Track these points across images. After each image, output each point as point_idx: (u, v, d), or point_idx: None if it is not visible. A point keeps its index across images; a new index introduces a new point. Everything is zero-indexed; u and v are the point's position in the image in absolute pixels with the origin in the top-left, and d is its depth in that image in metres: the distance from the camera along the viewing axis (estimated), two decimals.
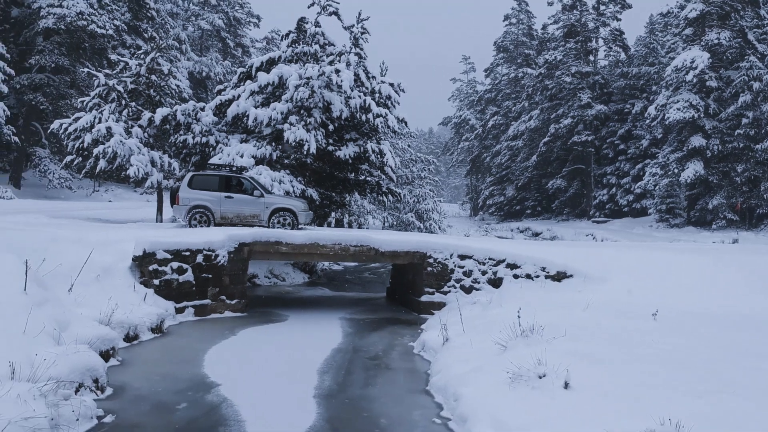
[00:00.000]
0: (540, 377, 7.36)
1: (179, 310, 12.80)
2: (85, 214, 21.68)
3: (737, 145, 38.05)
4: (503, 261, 14.57)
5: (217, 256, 13.38)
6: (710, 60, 38.07)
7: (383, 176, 21.55)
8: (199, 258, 13.18)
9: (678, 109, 38.24)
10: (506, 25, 67.57)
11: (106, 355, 9.18)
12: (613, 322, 10.57)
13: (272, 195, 15.90)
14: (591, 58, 54.27)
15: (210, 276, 13.29)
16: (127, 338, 10.58)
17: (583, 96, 50.23)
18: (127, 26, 46.53)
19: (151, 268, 12.64)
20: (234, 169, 16.04)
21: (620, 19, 52.78)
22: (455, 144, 78.81)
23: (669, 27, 53.51)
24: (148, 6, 48.66)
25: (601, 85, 52.83)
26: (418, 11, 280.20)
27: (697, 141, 38.48)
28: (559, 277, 14.28)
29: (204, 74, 56.35)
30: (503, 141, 63.11)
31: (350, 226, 35.02)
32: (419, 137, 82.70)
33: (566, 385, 7.08)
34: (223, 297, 13.48)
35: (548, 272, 14.35)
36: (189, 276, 13.03)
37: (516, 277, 14.41)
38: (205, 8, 62.78)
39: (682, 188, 41.75)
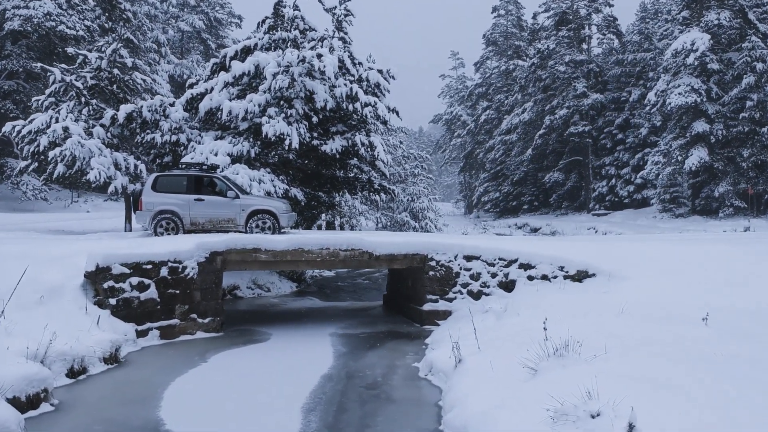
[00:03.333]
0: (593, 417, 5.55)
1: (141, 333, 10.92)
2: (49, 226, 19.76)
3: (742, 129, 36.52)
4: (515, 261, 12.77)
5: (184, 268, 11.51)
6: (711, 41, 36.50)
7: (375, 172, 19.70)
8: (164, 271, 11.30)
9: (679, 93, 36.64)
10: (495, 17, 65.95)
11: (35, 401, 7.32)
12: (658, 330, 8.77)
13: (249, 196, 14.02)
14: (584, 46, 52.70)
15: (177, 292, 11.42)
16: (71, 373, 8.70)
17: (578, 85, 48.59)
18: (101, 29, 44.53)
19: (105, 285, 10.75)
20: (205, 168, 14.15)
21: (613, 5, 51.24)
22: (447, 141, 77.02)
23: (660, 14, 52.06)
24: (122, 8, 46.63)
25: (596, 73, 51.23)
26: (400, 10, 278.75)
27: (700, 126, 36.90)
28: (580, 276, 12.50)
29: (185, 77, 54.32)
30: (496, 136, 61.41)
31: (342, 228, 33.17)
32: (410, 137, 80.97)
33: (631, 428, 5.28)
34: (194, 315, 11.61)
35: (567, 272, 12.56)
36: (152, 292, 11.15)
37: (531, 278, 12.61)
38: (185, 10, 60.88)
39: (685, 176, 40.19)
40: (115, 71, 17.77)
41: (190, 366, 9.52)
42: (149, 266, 11.18)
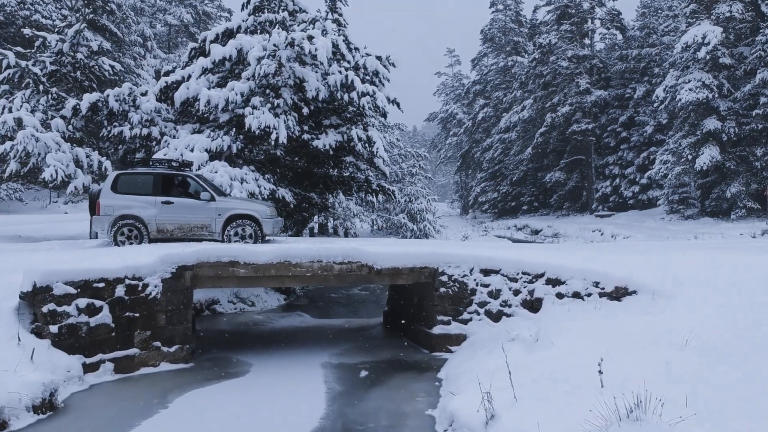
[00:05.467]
0: None
1: (90, 367, 8.89)
2: (6, 231, 17.64)
3: (755, 126, 34.80)
4: (542, 275, 10.82)
5: (146, 286, 9.49)
6: (723, 35, 34.75)
7: (372, 171, 17.69)
8: (120, 290, 9.27)
9: (690, 89, 34.88)
10: (493, 12, 64.13)
11: None
12: (745, 373, 6.83)
13: (227, 198, 11.98)
14: (587, 41, 50.86)
15: (136, 315, 9.40)
16: None
17: (581, 81, 46.74)
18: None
19: (45, 309, 8.71)
20: (175, 165, 12.09)
21: None
22: (442, 140, 75.19)
23: (660, 11, 50.31)
24: None
25: (599, 69, 49.40)
26: (395, 6, 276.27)
27: (711, 124, 35.13)
28: (619, 294, 10.56)
29: None
30: (494, 134, 59.58)
31: (335, 232, 31.14)
32: (403, 136, 79.06)
33: None
34: (158, 343, 9.58)
35: (603, 288, 10.63)
36: (105, 317, 9.12)
37: (560, 296, 10.66)
38: (173, 3, 58.75)
39: (693, 176, 38.45)
40: (79, 56, 15.67)
41: (145, 414, 7.53)
42: (101, 284, 9.15)
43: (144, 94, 15.53)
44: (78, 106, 14.70)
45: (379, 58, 16.61)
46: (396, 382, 9.05)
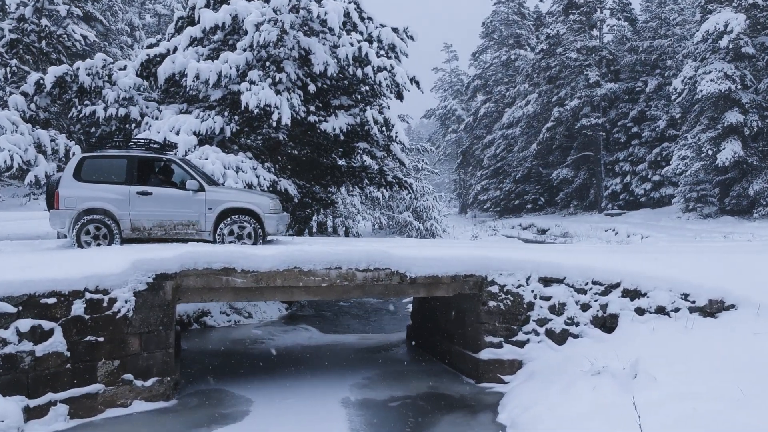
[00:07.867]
0: None
1: (36, 412, 6.63)
2: None
3: None
4: (617, 285, 8.64)
5: (113, 301, 7.22)
6: (747, 22, 32.76)
7: (389, 160, 15.41)
8: (78, 307, 7.00)
9: (711, 80, 32.83)
10: (495, 4, 61.92)
11: None
12: None
13: (220, 188, 9.68)
14: (595, 32, 48.78)
15: (101, 340, 7.13)
16: None
17: (590, 74, 44.63)
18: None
19: None
20: (155, 146, 9.80)
21: None
22: (440, 137, 72.92)
23: (665, 4, 48.30)
24: None
25: (609, 61, 47.30)
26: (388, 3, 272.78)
27: (733, 117, 33.11)
28: (713, 309, 8.41)
29: None
30: (497, 130, 57.40)
31: (335, 231, 28.85)
32: None
33: None
34: (129, 376, 7.32)
35: (694, 302, 8.47)
36: (57, 343, 6.85)
37: (640, 311, 8.49)
38: None
39: (710, 173, 36.46)
40: (44, 22, 13.31)
41: None
42: (52, 300, 6.87)
43: (122, 69, 13.25)
44: (42, 81, 12.40)
45: (395, 30, 14.39)
46: (445, 429, 6.83)
